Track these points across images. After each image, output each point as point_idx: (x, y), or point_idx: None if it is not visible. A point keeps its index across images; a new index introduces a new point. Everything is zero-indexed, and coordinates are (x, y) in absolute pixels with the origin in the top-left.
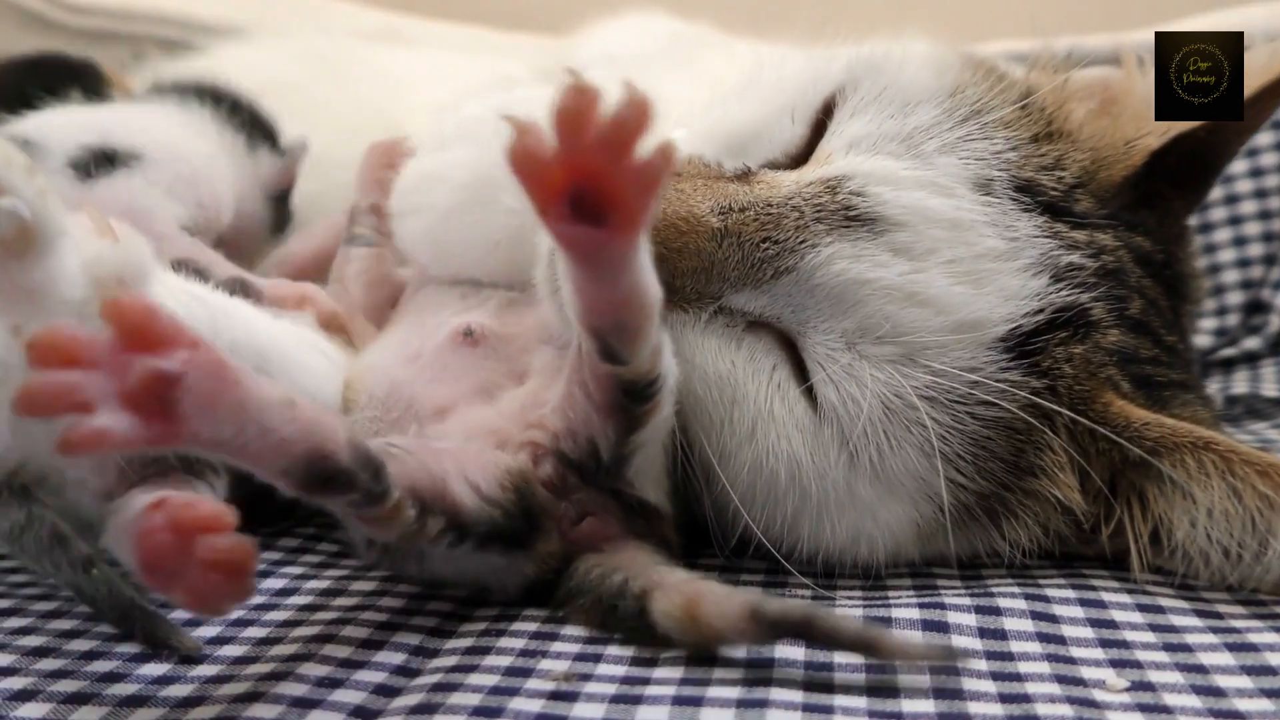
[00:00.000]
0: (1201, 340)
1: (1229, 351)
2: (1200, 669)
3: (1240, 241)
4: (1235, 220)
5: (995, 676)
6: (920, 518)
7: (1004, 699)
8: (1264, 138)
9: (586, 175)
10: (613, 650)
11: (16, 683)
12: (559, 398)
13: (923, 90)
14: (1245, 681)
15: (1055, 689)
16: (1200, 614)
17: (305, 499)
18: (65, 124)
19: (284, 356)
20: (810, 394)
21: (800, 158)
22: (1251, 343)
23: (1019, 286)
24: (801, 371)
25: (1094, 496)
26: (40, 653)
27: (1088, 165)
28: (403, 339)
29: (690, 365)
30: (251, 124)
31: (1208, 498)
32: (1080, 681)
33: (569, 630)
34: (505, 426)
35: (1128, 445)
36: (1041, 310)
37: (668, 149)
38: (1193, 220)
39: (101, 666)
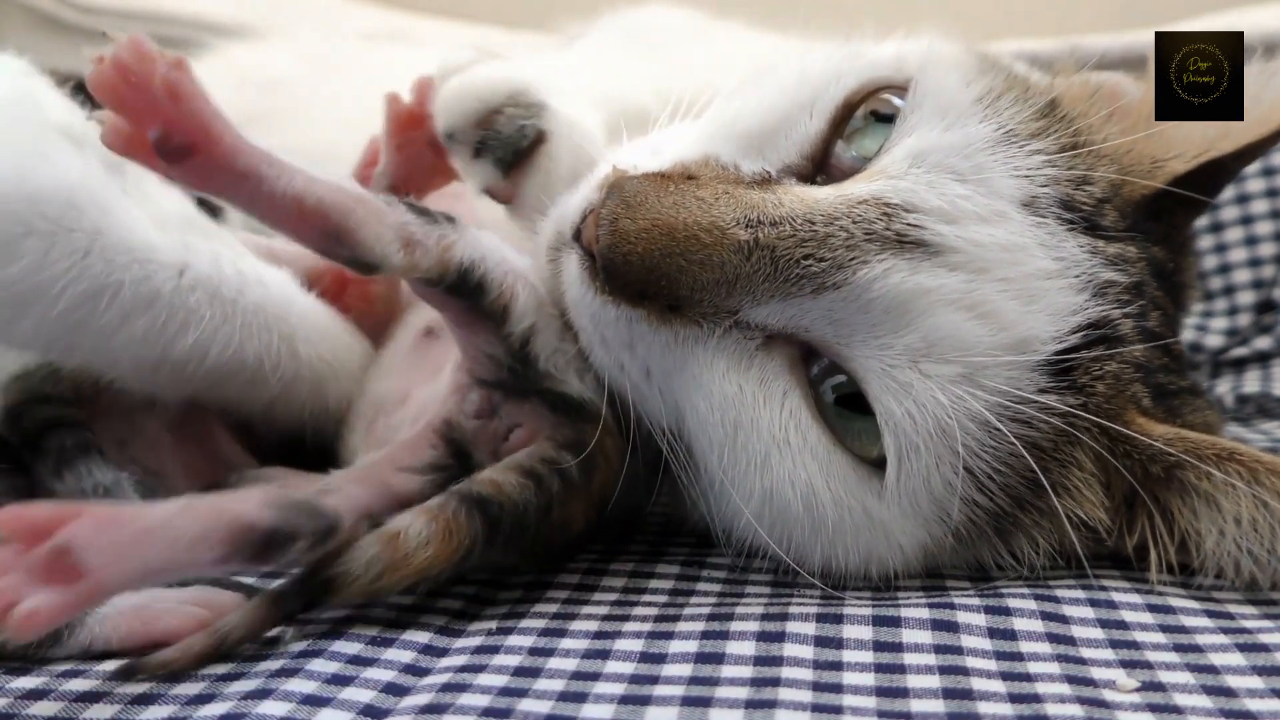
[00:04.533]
0: (1213, 340)
1: (1240, 351)
2: (1211, 669)
3: (1252, 241)
4: (1247, 220)
5: (1005, 677)
6: (930, 539)
7: (1014, 699)
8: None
9: (149, 123)
10: (621, 646)
11: (28, 682)
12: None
13: (964, 101)
14: (1256, 681)
15: (1065, 689)
16: (1211, 614)
17: (265, 567)
18: None
19: (312, 326)
20: (825, 419)
21: (816, 158)
22: (1262, 342)
23: (1065, 304)
24: (814, 395)
25: (1116, 511)
26: None
27: (1114, 179)
28: (382, 356)
29: (696, 384)
30: None
31: (1235, 508)
32: (1090, 682)
33: (576, 626)
34: (441, 391)
35: (1153, 461)
36: (1080, 327)
37: (172, 57)
38: (1204, 219)
39: (111, 665)
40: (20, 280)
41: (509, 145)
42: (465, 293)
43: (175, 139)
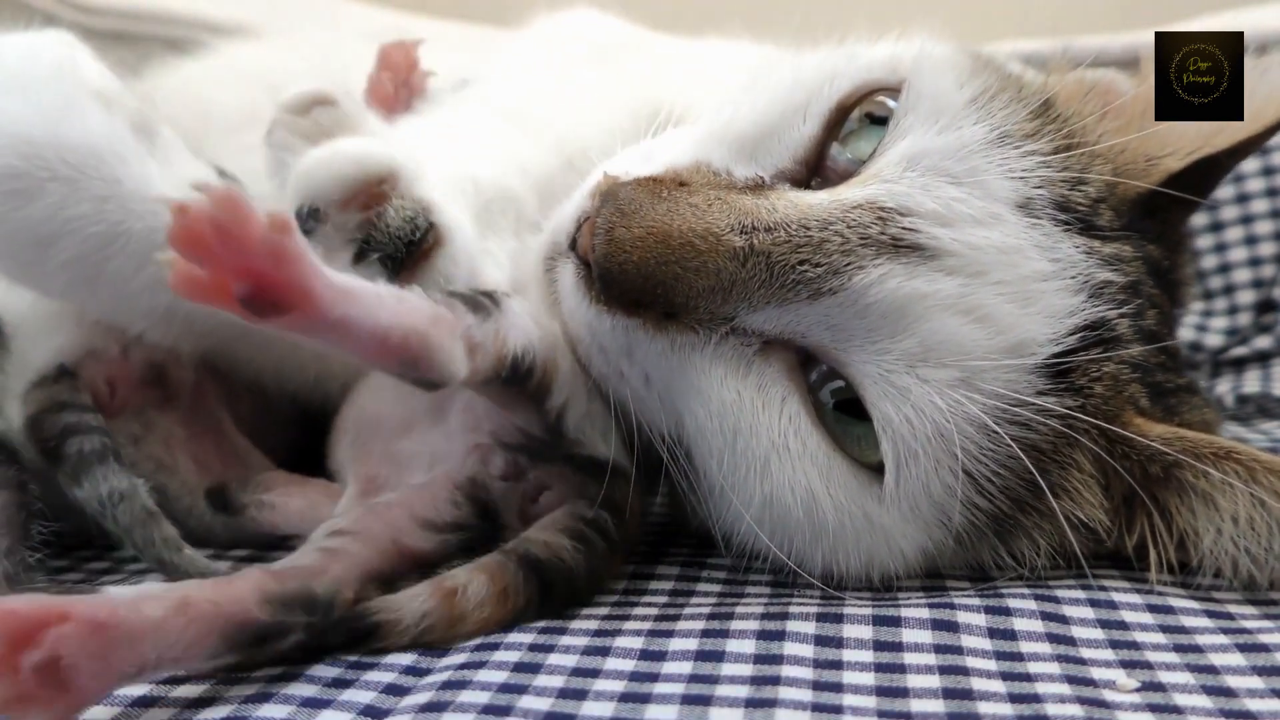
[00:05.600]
0: (1213, 339)
1: (1240, 350)
2: (1211, 669)
3: (1251, 240)
4: (1246, 219)
5: (1005, 677)
6: (931, 542)
7: (1014, 699)
8: (1276, 138)
9: (236, 279)
10: (621, 644)
11: None
12: (476, 401)
13: (958, 102)
14: (1256, 681)
15: (1065, 689)
16: (1211, 614)
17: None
18: None
19: None
20: (824, 425)
21: (810, 162)
22: (1263, 342)
23: (1061, 306)
24: (813, 401)
25: (1115, 512)
26: None
27: (1109, 179)
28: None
29: (695, 390)
30: None
31: (1233, 507)
32: (1090, 682)
33: (576, 624)
34: (453, 444)
35: (1151, 461)
36: (1078, 329)
37: (278, 219)
38: (1203, 219)
39: None
40: (44, 220)
41: (400, 239)
42: (516, 380)
43: (267, 298)
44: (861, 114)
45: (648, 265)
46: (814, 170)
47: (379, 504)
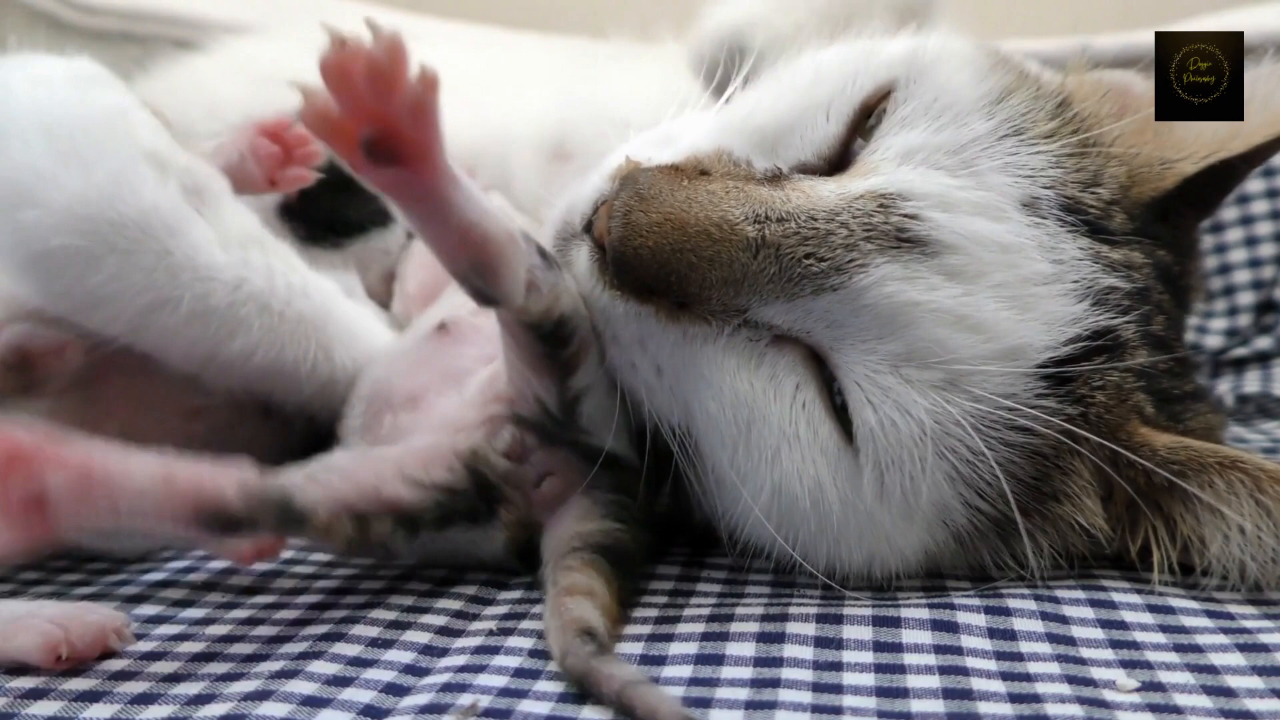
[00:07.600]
0: (1213, 340)
1: (1240, 351)
2: (1211, 669)
3: (1252, 241)
4: (1247, 220)
5: (1005, 677)
6: (933, 541)
7: (1014, 699)
8: None
9: (369, 121)
10: (620, 648)
11: (28, 681)
12: (503, 365)
13: (970, 98)
14: (1256, 681)
15: (1065, 689)
16: (1211, 614)
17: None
18: None
19: (348, 332)
20: (837, 416)
21: (834, 159)
22: (1263, 342)
23: (1062, 312)
24: (829, 391)
25: (1117, 519)
26: None
27: (1123, 181)
28: (399, 340)
29: (705, 382)
30: None
31: (1238, 516)
32: (1090, 682)
33: None
34: (468, 413)
35: (1156, 470)
36: (1080, 337)
37: (428, 74)
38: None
39: (113, 665)
40: (100, 287)
41: None
42: (554, 341)
43: (390, 146)
44: (881, 110)
45: (663, 252)
46: (836, 166)
47: (372, 453)
